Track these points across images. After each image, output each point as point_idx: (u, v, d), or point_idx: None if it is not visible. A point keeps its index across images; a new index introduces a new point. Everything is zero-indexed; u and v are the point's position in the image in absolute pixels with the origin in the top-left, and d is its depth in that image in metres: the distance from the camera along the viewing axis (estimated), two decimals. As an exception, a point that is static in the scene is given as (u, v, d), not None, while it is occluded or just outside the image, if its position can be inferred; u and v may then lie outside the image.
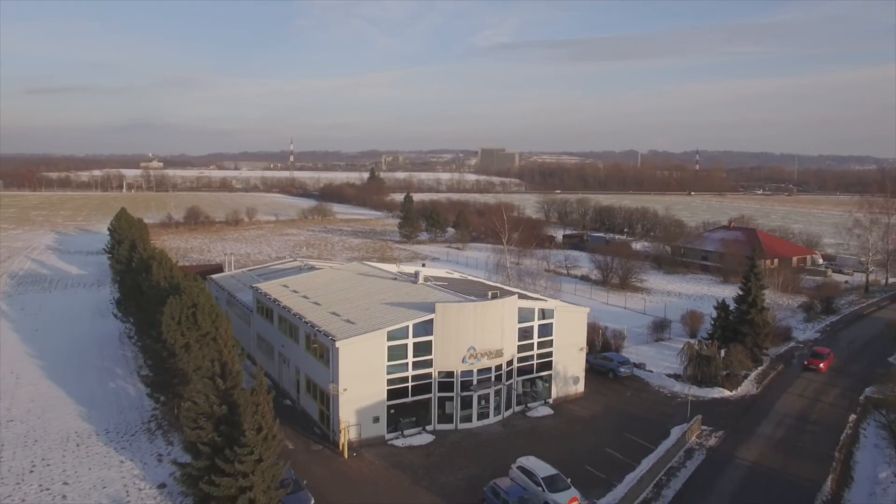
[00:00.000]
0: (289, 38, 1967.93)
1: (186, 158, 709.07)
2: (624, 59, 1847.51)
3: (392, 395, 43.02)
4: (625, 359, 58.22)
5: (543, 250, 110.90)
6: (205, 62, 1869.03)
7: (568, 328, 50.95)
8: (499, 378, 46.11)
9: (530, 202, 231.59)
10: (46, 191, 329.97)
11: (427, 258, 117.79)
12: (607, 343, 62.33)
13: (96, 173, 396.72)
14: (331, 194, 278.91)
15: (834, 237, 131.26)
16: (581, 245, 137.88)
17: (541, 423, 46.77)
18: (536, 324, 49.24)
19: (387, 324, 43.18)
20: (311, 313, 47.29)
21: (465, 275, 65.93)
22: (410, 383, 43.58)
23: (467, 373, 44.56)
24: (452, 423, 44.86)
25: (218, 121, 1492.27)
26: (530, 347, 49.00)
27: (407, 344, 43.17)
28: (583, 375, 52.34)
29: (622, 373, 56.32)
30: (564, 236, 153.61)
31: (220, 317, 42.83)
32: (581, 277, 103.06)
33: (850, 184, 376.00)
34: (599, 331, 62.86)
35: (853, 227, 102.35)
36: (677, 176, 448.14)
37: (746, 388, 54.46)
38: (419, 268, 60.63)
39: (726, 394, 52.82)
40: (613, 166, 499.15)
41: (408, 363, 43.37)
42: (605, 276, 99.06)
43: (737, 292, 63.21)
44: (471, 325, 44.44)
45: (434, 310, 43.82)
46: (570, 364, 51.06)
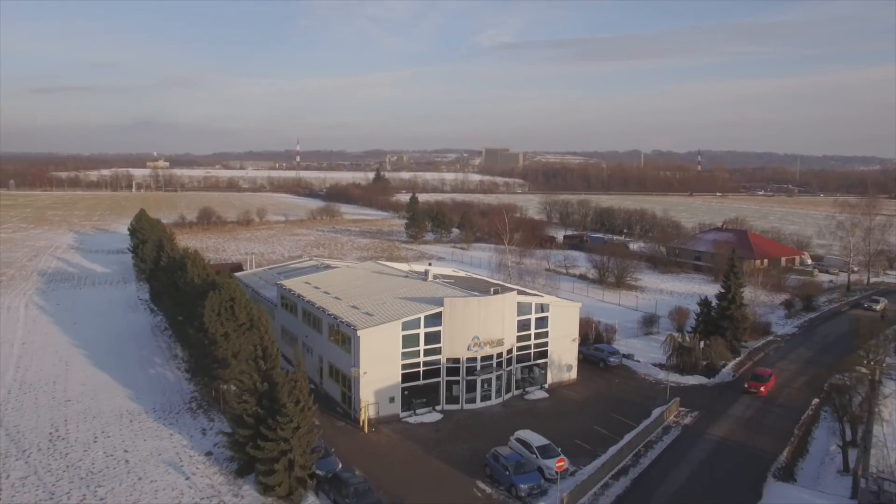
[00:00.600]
0: (292, 38, 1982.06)
1: (192, 158, 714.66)
2: (627, 59, 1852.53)
3: (406, 378, 48.97)
4: (614, 350, 64.07)
5: (544, 250, 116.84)
6: (208, 61, 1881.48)
7: (562, 321, 56.83)
8: (500, 364, 52.02)
9: (533, 203, 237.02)
10: (57, 190, 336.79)
11: (433, 258, 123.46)
12: (600, 336, 68.12)
13: (105, 173, 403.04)
14: (337, 195, 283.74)
15: (822, 238, 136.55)
16: (581, 245, 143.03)
17: (537, 405, 52.69)
18: (533, 317, 55.12)
19: (401, 316, 49.13)
20: (334, 307, 53.29)
21: (469, 273, 71.83)
22: (422, 368, 49.56)
23: (472, 359, 50.50)
24: (458, 403, 50.77)
25: (222, 120, 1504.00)
26: (528, 338, 54.89)
27: (419, 333, 49.13)
28: (575, 363, 58.25)
29: (612, 362, 62.16)
30: (565, 237, 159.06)
31: (256, 309, 48.83)
32: (579, 276, 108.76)
33: (851, 184, 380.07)
34: (593, 325, 68.68)
35: (836, 229, 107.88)
36: (679, 176, 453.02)
37: (723, 376, 60.27)
38: (428, 266, 66.67)
39: (704, 381, 58.67)
40: (616, 167, 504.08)
41: (419, 350, 49.34)
42: (601, 275, 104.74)
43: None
44: (475, 318, 50.34)
45: (443, 304, 49.77)
46: (563, 353, 56.96)
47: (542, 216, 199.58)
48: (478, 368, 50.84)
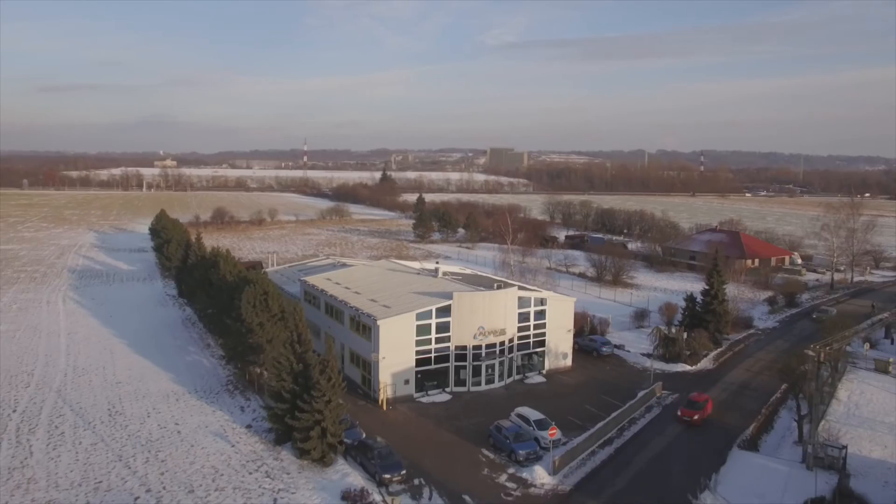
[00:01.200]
0: (297, 37, 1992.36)
1: (198, 156, 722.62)
2: (632, 58, 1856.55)
3: (419, 363, 55.46)
4: (607, 340, 70.42)
5: (545, 250, 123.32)
6: (214, 60, 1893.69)
7: (558, 314, 63.22)
8: (502, 352, 58.43)
9: (537, 203, 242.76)
10: (69, 189, 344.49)
11: (440, 257, 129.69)
12: (594, 328, 74.46)
13: (115, 172, 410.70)
14: (345, 195, 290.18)
15: (811, 239, 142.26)
16: (581, 245, 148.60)
17: (536, 388, 59.07)
18: (533, 310, 61.51)
19: (415, 308, 55.60)
20: (354, 300, 59.80)
21: (475, 271, 78.26)
22: (433, 354, 56.04)
23: (477, 347, 56.93)
24: (465, 386, 57.21)
25: (228, 119, 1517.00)
26: (528, 328, 61.26)
27: (431, 323, 55.60)
28: (571, 352, 64.62)
29: (604, 352, 68.49)
30: (566, 237, 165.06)
31: (289, 301, 55.36)
32: (578, 274, 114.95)
33: (854, 185, 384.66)
34: (588, 318, 75.03)
35: (820, 230, 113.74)
36: (682, 176, 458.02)
37: (704, 364, 66.63)
38: (437, 264, 73.16)
39: (687, 368, 64.97)
40: (620, 167, 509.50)
41: (431, 338, 55.81)
42: (599, 274, 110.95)
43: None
44: (480, 310, 56.78)
45: (452, 297, 56.25)
46: (560, 342, 63.33)
47: (546, 217, 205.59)
48: (483, 355, 57.24)
